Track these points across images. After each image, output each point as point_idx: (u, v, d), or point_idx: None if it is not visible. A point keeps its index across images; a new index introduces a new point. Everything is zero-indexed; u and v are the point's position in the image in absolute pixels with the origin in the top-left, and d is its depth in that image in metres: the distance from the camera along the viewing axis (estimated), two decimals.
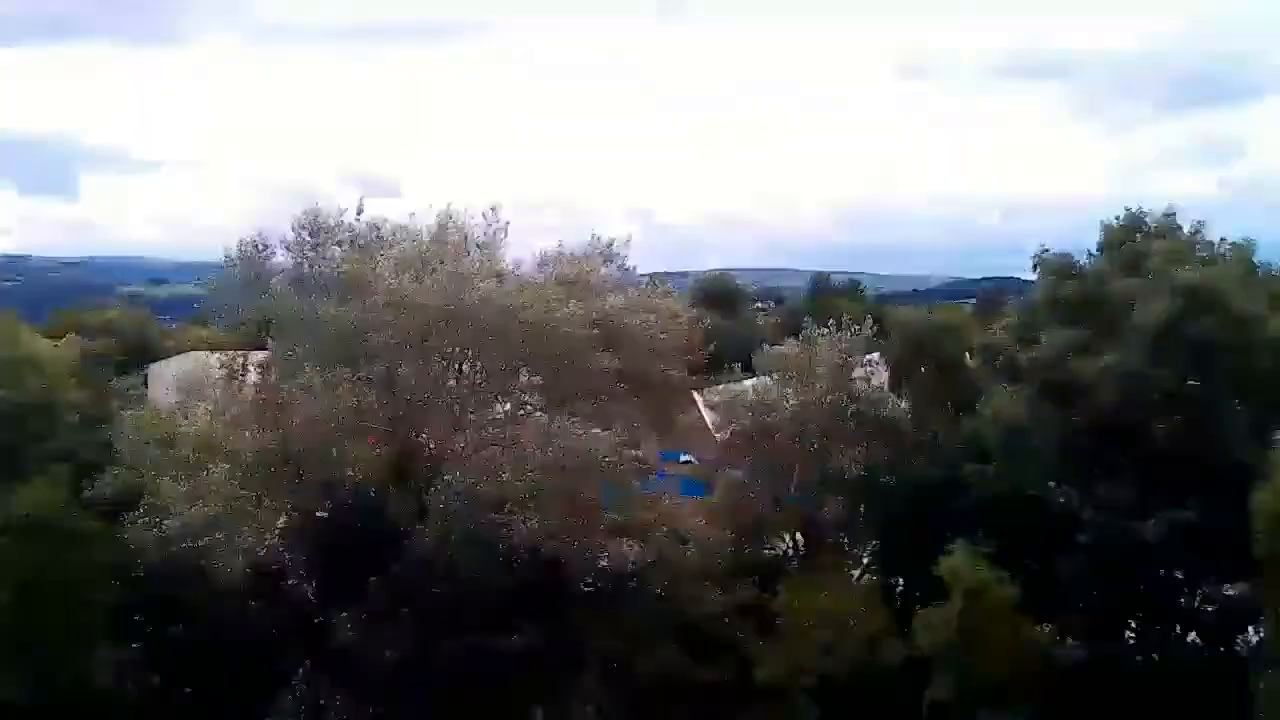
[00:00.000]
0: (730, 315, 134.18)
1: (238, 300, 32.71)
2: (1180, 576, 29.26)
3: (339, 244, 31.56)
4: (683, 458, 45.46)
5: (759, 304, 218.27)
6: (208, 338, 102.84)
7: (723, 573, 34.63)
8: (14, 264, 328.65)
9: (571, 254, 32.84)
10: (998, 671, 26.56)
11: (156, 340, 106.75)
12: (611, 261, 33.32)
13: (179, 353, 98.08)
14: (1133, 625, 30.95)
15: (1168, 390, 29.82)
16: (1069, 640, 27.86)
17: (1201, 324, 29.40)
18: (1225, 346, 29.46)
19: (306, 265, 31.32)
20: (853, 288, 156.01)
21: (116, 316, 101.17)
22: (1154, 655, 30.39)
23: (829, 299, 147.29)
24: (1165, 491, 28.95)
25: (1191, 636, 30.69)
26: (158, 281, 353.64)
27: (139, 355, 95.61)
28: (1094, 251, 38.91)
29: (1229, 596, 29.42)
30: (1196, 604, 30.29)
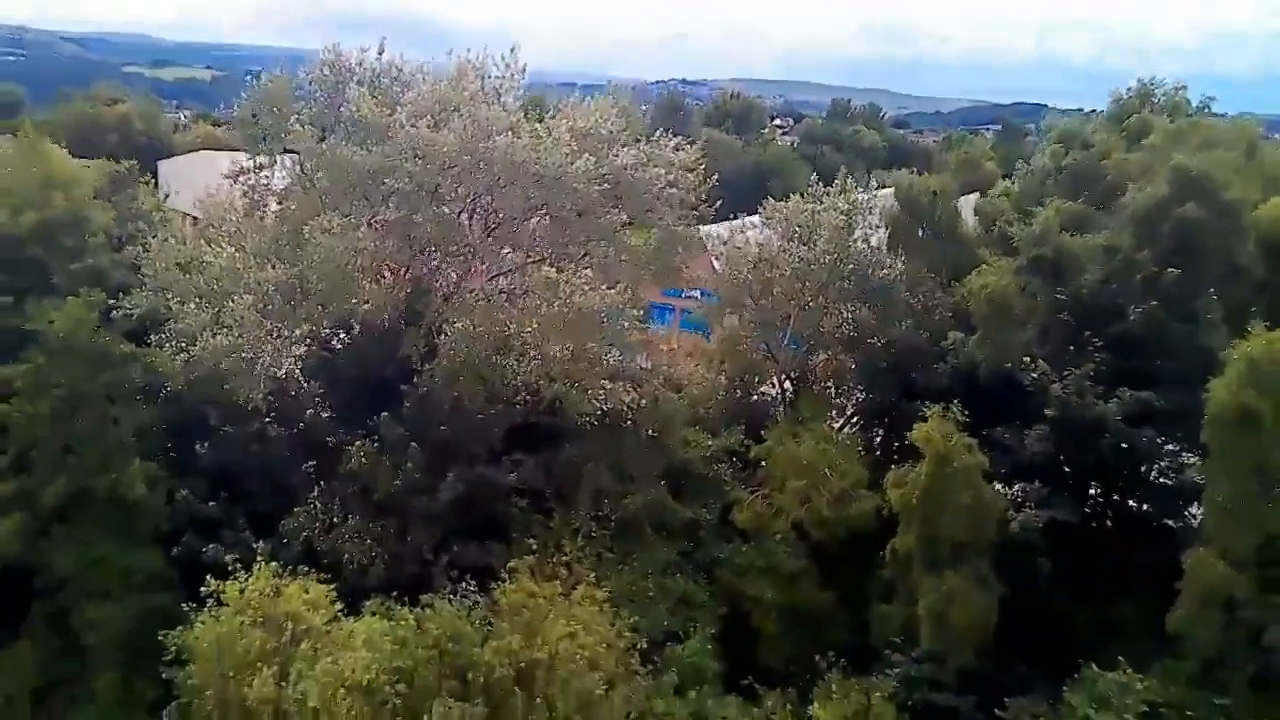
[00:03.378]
0: (746, 133, 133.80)
1: (262, 131, 33.49)
2: (1140, 453, 30.97)
3: (359, 83, 32.15)
4: (685, 294, 47.20)
5: (777, 121, 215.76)
6: (221, 137, 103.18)
7: (712, 419, 36.80)
8: (15, 38, 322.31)
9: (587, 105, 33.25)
10: (957, 531, 28.76)
11: (167, 134, 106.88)
12: (624, 116, 33.78)
13: (189, 150, 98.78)
14: (1091, 495, 32.96)
15: (1150, 274, 30.95)
16: (1028, 506, 29.87)
17: (1187, 209, 30.30)
18: (1209, 233, 30.43)
19: (327, 103, 32.03)
20: (871, 112, 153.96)
21: (129, 110, 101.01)
22: (1107, 523, 32.58)
23: (845, 123, 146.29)
24: (1134, 372, 30.50)
25: (1145, 508, 32.69)
26: (162, 63, 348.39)
27: (150, 150, 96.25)
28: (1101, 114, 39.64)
29: (1185, 472, 31.13)
30: (1154, 478, 32.17)
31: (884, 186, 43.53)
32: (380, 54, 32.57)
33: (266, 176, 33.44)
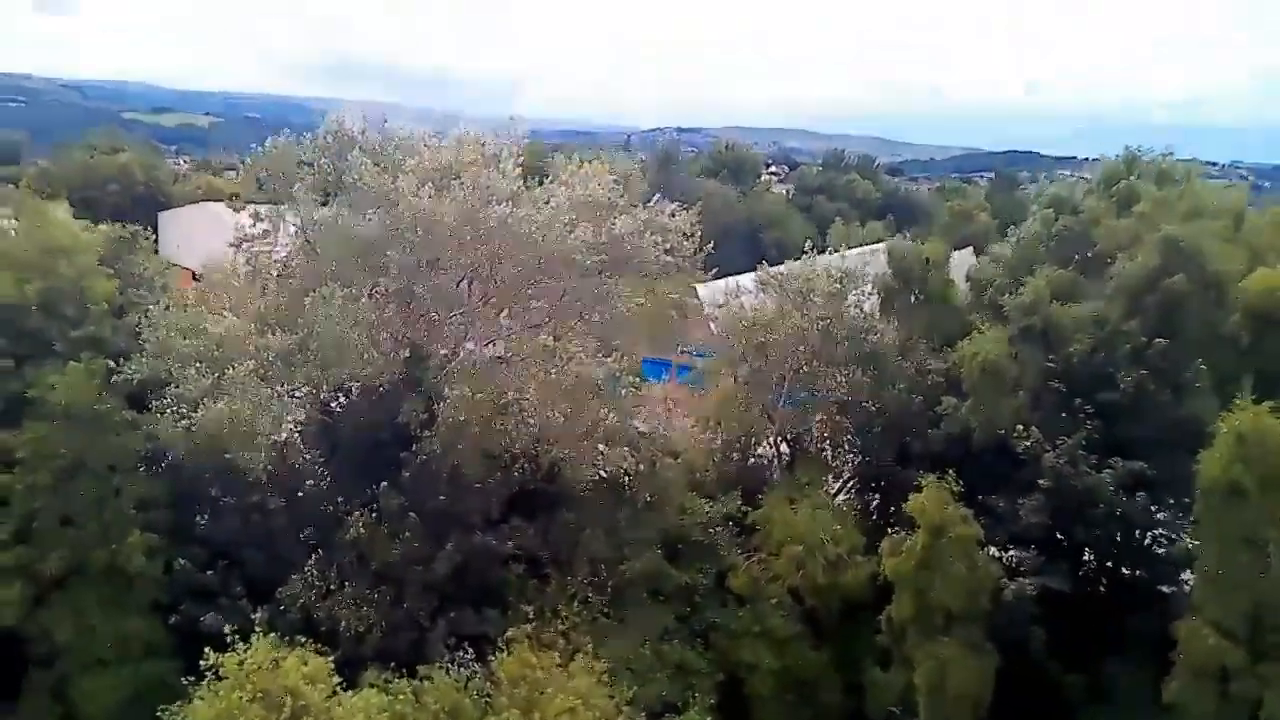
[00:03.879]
0: (742, 183, 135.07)
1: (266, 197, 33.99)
2: (1132, 521, 31.30)
3: (361, 149, 32.66)
4: (681, 349, 47.57)
5: (772, 168, 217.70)
6: (221, 187, 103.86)
7: (709, 482, 37.04)
8: (16, 85, 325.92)
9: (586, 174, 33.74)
10: (952, 600, 29.02)
11: (168, 184, 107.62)
12: (621, 181, 34.26)
13: (190, 200, 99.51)
14: (1084, 562, 33.19)
15: (1138, 344, 31.45)
16: (1022, 574, 30.18)
17: (1175, 281, 30.92)
18: (1195, 305, 31.07)
19: (330, 170, 32.57)
20: (865, 163, 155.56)
21: (130, 160, 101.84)
22: (1100, 589, 32.78)
23: (840, 173, 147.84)
24: (1125, 440, 30.90)
25: (1139, 573, 32.87)
26: (162, 109, 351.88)
27: (149, 201, 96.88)
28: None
29: (1178, 538, 31.40)
30: (1147, 544, 32.39)
31: (879, 240, 44.08)
32: (384, 121, 33.26)
33: (269, 243, 33.77)
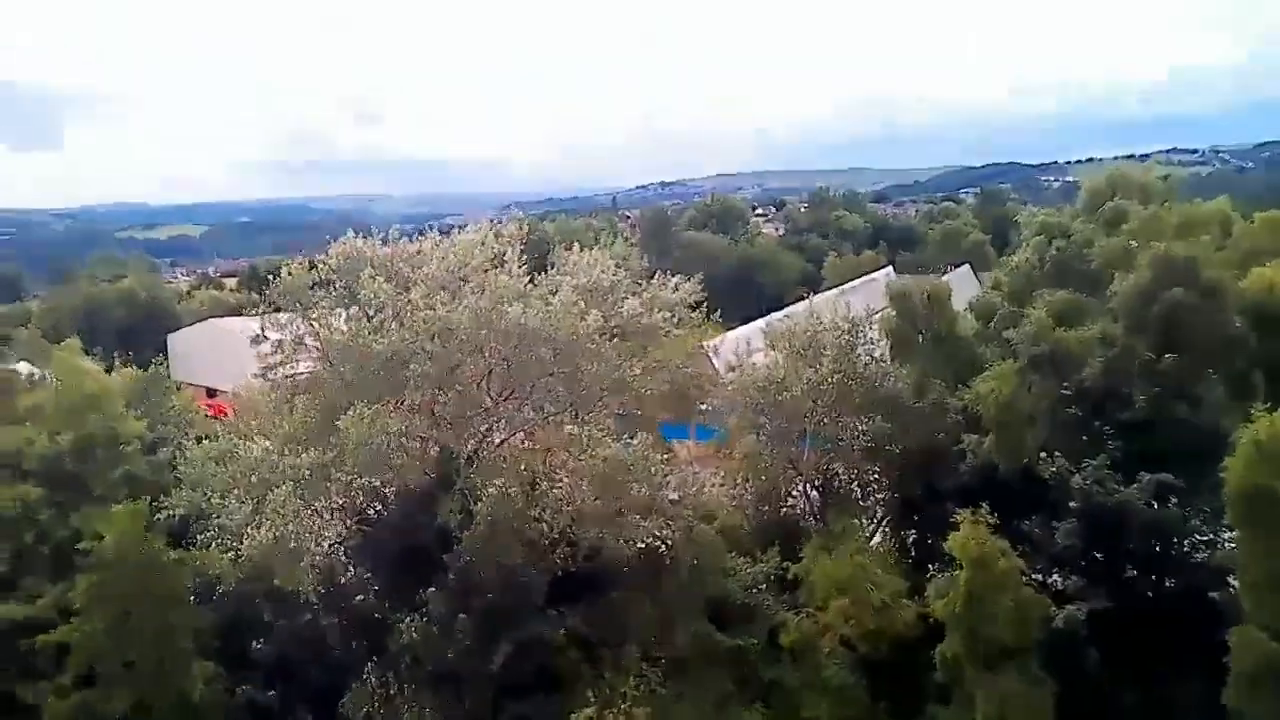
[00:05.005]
0: (731, 231, 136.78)
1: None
2: (1168, 532, 31.59)
3: (372, 265, 33.59)
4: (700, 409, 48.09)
5: (759, 210, 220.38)
6: (224, 299, 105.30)
7: (745, 538, 37.47)
8: (11, 220, 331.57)
9: (589, 263, 34.71)
10: (1002, 634, 29.33)
11: (171, 303, 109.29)
12: (623, 267, 35.17)
13: (195, 316, 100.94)
14: (1126, 577, 33.37)
15: (1146, 360, 32.00)
16: (1067, 599, 30.47)
17: (1173, 294, 31.54)
18: (1197, 315, 31.61)
19: (344, 291, 33.48)
20: (851, 196, 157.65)
21: (132, 284, 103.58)
22: (1148, 601, 32.89)
23: (827, 209, 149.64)
24: (1148, 455, 31.30)
25: (1183, 584, 33.00)
26: (153, 225, 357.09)
27: (155, 321, 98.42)
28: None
29: (1218, 543, 31.65)
30: (1186, 553, 32.56)
31: (877, 268, 44.74)
32: (397, 239, 34.39)
33: (292, 366, 34.51)
